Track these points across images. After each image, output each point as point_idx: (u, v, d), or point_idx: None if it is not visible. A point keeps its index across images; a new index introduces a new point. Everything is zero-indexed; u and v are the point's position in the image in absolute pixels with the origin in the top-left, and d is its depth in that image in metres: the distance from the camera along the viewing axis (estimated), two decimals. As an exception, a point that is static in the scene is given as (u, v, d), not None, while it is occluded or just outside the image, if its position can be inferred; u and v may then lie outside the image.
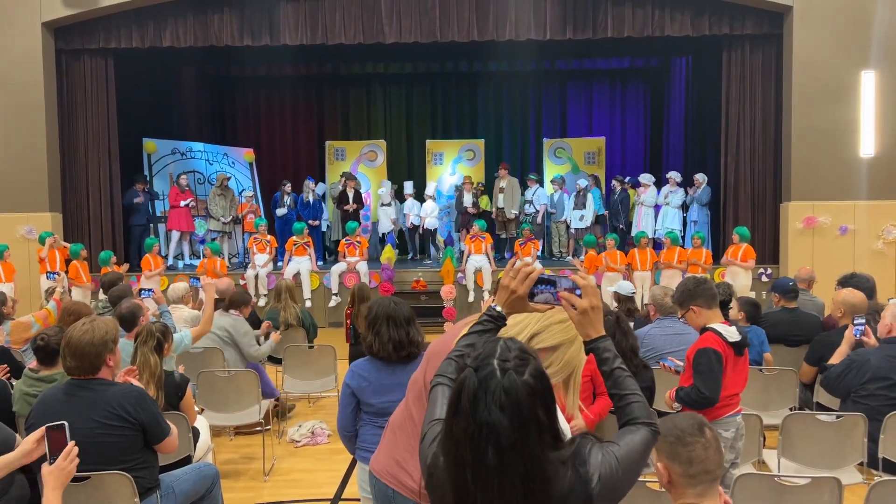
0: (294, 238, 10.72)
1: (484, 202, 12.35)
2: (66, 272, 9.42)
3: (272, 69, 14.88)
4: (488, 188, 12.69)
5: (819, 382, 4.46)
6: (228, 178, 12.26)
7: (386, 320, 3.11)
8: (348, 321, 6.14)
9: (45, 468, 2.38)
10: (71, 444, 2.43)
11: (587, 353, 1.81)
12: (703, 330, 3.34)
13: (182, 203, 11.55)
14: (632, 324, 4.56)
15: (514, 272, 1.82)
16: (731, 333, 3.28)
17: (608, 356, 1.74)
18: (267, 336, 6.12)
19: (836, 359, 4.26)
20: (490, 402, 1.40)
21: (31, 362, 5.28)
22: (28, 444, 2.51)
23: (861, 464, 3.93)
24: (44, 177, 10.47)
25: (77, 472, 2.45)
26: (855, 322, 4.39)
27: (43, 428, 2.47)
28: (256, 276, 10.51)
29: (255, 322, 6.28)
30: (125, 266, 10.51)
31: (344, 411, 3.19)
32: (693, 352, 3.32)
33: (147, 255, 10.17)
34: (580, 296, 1.74)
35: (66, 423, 2.44)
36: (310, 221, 11.62)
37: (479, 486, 1.41)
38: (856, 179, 10.13)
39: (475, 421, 1.40)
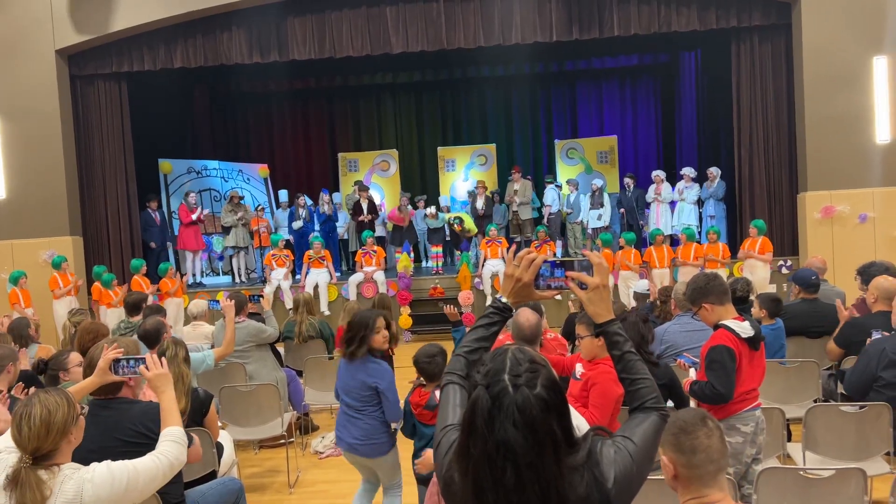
0: (310, 252, 10.79)
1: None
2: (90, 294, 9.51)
3: (282, 84, 15.03)
4: (501, 192, 12.65)
5: (843, 389, 4.41)
6: (242, 197, 12.37)
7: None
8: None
9: (147, 389, 2.75)
10: (147, 355, 2.80)
11: (597, 336, 1.81)
12: (716, 327, 3.31)
13: (193, 216, 11.52)
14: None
15: (517, 260, 1.83)
16: (745, 329, 3.24)
17: (619, 339, 1.74)
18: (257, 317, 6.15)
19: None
20: (504, 420, 1.38)
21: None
22: (104, 363, 2.89)
23: (888, 454, 3.88)
24: (63, 201, 10.63)
25: None
26: (873, 334, 4.37)
27: (109, 356, 2.87)
28: (276, 291, 10.57)
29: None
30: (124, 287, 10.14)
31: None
32: (706, 349, 3.30)
33: (135, 276, 9.95)
34: (591, 275, 1.75)
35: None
36: (314, 233, 11.64)
37: None
38: (872, 167, 9.99)
39: (492, 440, 1.39)
